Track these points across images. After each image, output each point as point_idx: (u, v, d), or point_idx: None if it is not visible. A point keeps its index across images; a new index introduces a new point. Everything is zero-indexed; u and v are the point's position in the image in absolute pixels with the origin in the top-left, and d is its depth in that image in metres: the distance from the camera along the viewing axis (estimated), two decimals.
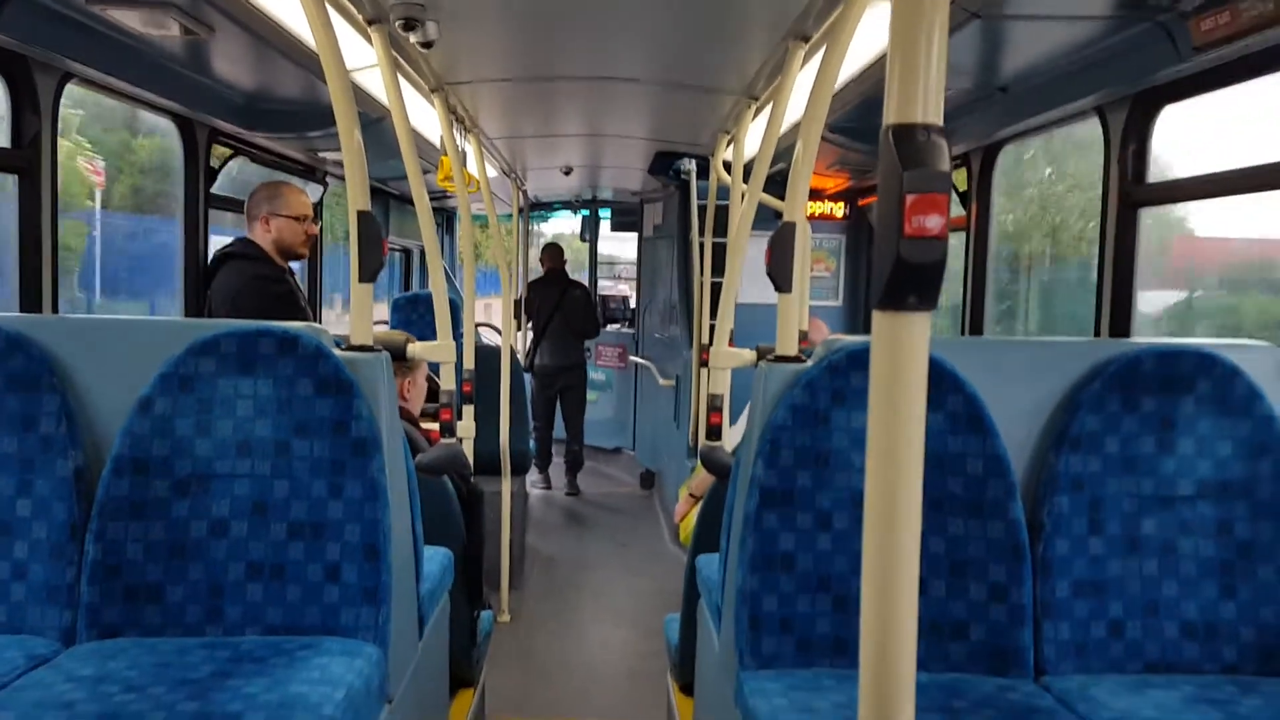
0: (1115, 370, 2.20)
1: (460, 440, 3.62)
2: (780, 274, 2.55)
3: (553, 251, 8.34)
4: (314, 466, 2.15)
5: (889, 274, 0.93)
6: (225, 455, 2.14)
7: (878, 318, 0.96)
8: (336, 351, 2.22)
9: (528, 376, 7.89)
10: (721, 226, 5.48)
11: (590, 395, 8.65)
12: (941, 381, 2.15)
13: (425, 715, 2.68)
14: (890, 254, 0.93)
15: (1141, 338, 2.80)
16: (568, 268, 8.32)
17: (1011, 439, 2.21)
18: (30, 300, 3.05)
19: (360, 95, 3.86)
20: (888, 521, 0.98)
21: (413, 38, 3.02)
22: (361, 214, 2.32)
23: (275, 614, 2.12)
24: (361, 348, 2.29)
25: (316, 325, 2.28)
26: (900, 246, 0.92)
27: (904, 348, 0.96)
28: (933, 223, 0.91)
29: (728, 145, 4.59)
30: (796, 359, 2.35)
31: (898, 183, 0.92)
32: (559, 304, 8.04)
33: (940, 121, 0.93)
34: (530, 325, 8.20)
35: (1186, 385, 2.20)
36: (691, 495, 4.90)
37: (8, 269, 3.09)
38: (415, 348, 3.04)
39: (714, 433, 3.20)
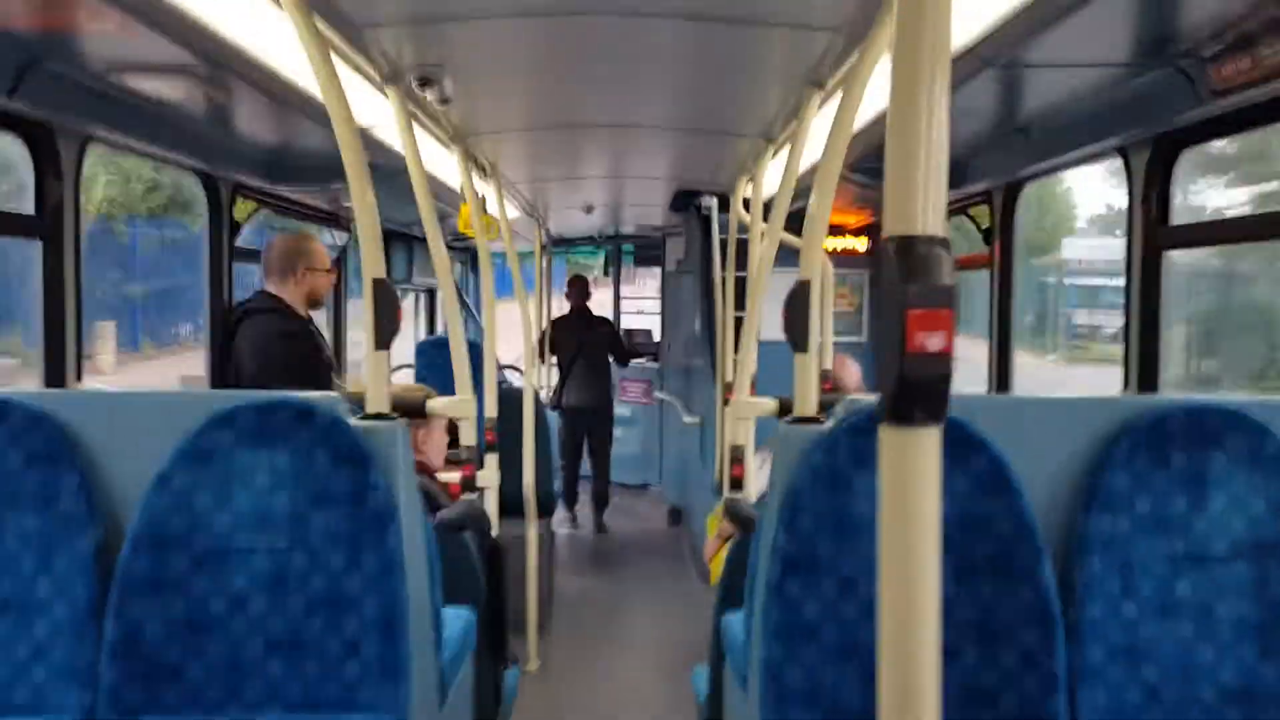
0: (1143, 427, 2.15)
1: (482, 491, 3.61)
2: (797, 334, 2.53)
3: (579, 286, 8.33)
4: (332, 539, 2.14)
5: (894, 391, 0.91)
6: (243, 529, 2.14)
7: (884, 433, 0.94)
8: (353, 421, 2.21)
9: (553, 415, 7.89)
10: (743, 261, 5.46)
11: (615, 432, 8.63)
12: (964, 443, 2.11)
13: None
14: (894, 370, 0.90)
15: (1169, 392, 2.74)
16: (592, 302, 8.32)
17: (1038, 500, 2.16)
18: (54, 366, 3.07)
19: (380, 147, 3.88)
20: (903, 641, 0.95)
21: (429, 95, 3.04)
22: (376, 282, 2.32)
23: (295, 691, 2.11)
24: (378, 415, 2.29)
25: (332, 394, 2.27)
26: (904, 363, 0.89)
27: (913, 463, 0.93)
28: (935, 341, 0.89)
29: (747, 184, 4.58)
30: (815, 420, 2.31)
31: (900, 296, 0.90)
32: (583, 341, 8.03)
33: (941, 233, 0.91)
34: (555, 363, 8.20)
35: (1216, 442, 2.15)
36: (720, 536, 4.86)
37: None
38: (435, 404, 3.04)
39: (736, 484, 3.17)
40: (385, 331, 2.34)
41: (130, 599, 2.09)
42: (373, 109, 3.31)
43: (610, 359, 8.26)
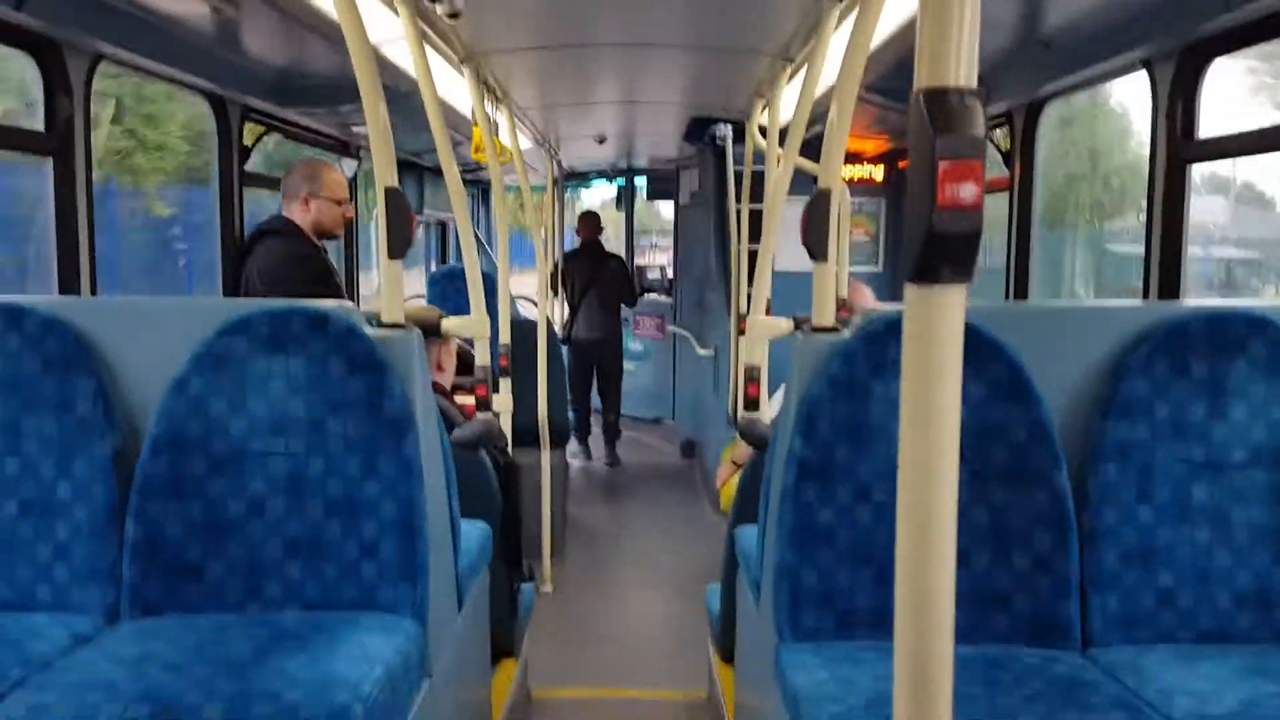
0: (1163, 334, 2.13)
1: (497, 414, 3.62)
2: (816, 242, 2.50)
3: (589, 221, 8.29)
4: (348, 444, 2.14)
5: (921, 245, 0.89)
6: (260, 434, 2.15)
7: (910, 291, 0.92)
8: (368, 330, 2.21)
9: (565, 349, 7.89)
10: (758, 192, 5.41)
11: (628, 365, 8.63)
12: (981, 350, 2.10)
13: (466, 688, 2.69)
14: (923, 224, 0.88)
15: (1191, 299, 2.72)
16: (604, 238, 8.28)
17: (1056, 407, 2.15)
18: (68, 281, 3.07)
19: (390, 68, 3.83)
20: (923, 498, 0.94)
21: (439, 9, 2.98)
22: (389, 190, 2.30)
23: (314, 590, 2.13)
24: (393, 325, 2.28)
25: (348, 304, 2.27)
26: (933, 217, 0.88)
27: (938, 322, 0.92)
28: (967, 191, 0.87)
29: (763, 110, 4.51)
30: (833, 329, 2.30)
31: (929, 149, 0.88)
32: (594, 277, 8.01)
33: (974, 84, 0.88)
34: (565, 297, 8.19)
35: (1238, 349, 2.13)
36: (733, 462, 4.87)
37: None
38: (449, 323, 3.03)
39: (752, 404, 3.17)
40: (398, 240, 2.32)
41: (150, 501, 2.11)
42: (381, 27, 3.26)
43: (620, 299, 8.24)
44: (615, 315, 8.20)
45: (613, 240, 9.16)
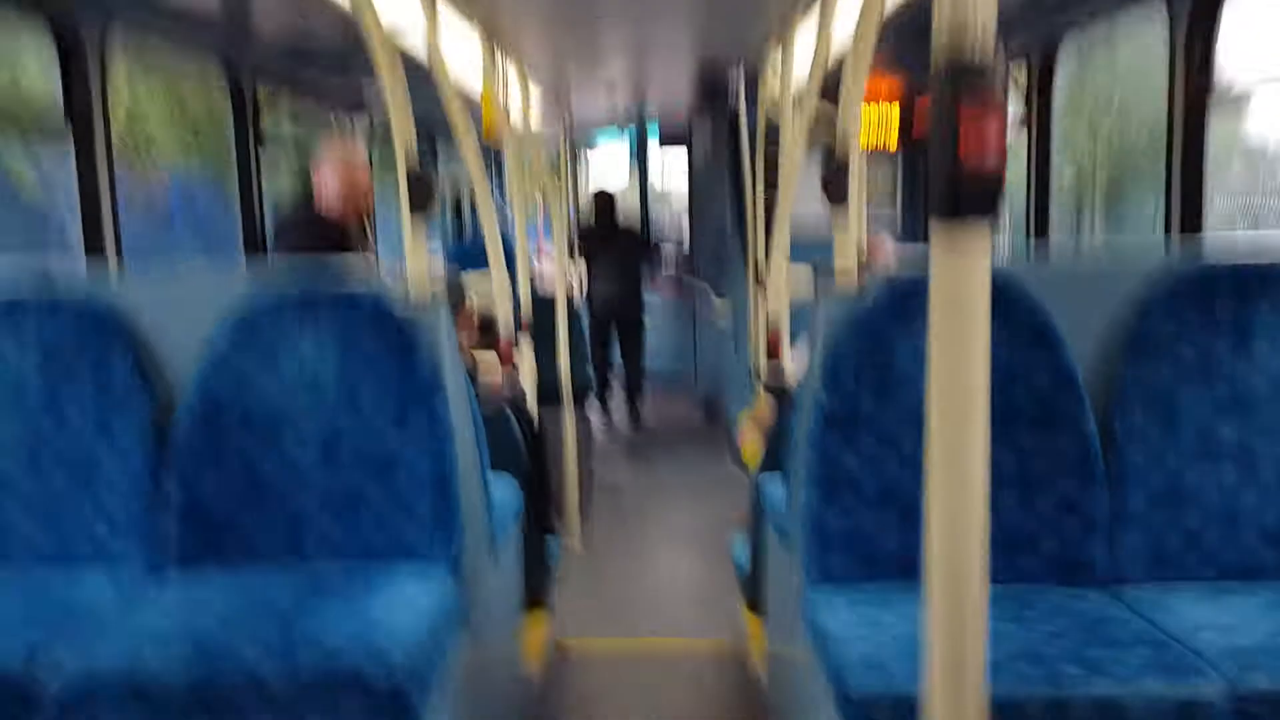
0: (1186, 275, 2.13)
1: (517, 370, 3.64)
2: (836, 188, 2.49)
3: (603, 201, 8.16)
4: (380, 405, 2.19)
5: (945, 183, 0.90)
6: (294, 396, 2.19)
7: (936, 228, 0.93)
8: (395, 297, 2.24)
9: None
10: (774, 136, 5.36)
11: (647, 321, 8.60)
12: (1004, 296, 2.10)
13: (499, 636, 2.75)
14: (947, 162, 0.89)
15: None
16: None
17: (1080, 351, 2.15)
18: (94, 251, 3.10)
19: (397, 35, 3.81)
20: (953, 432, 0.96)
21: None
22: (410, 169, 2.31)
23: (352, 544, 2.18)
24: (419, 291, 2.30)
25: (375, 269, 2.30)
26: (957, 154, 0.89)
27: (965, 259, 0.93)
28: (990, 128, 0.88)
29: (778, 51, 4.44)
30: (854, 279, 2.30)
31: (952, 89, 0.88)
32: (609, 242, 7.94)
33: (993, 26, 0.89)
34: (583, 265, 8.11)
35: (1261, 289, 2.12)
36: (753, 420, 4.88)
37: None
38: (470, 278, 3.05)
39: (773, 353, 3.17)
40: (420, 195, 2.35)
41: (189, 461, 2.17)
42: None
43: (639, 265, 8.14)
44: (634, 273, 8.14)
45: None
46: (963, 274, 0.93)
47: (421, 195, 2.33)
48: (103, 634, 1.82)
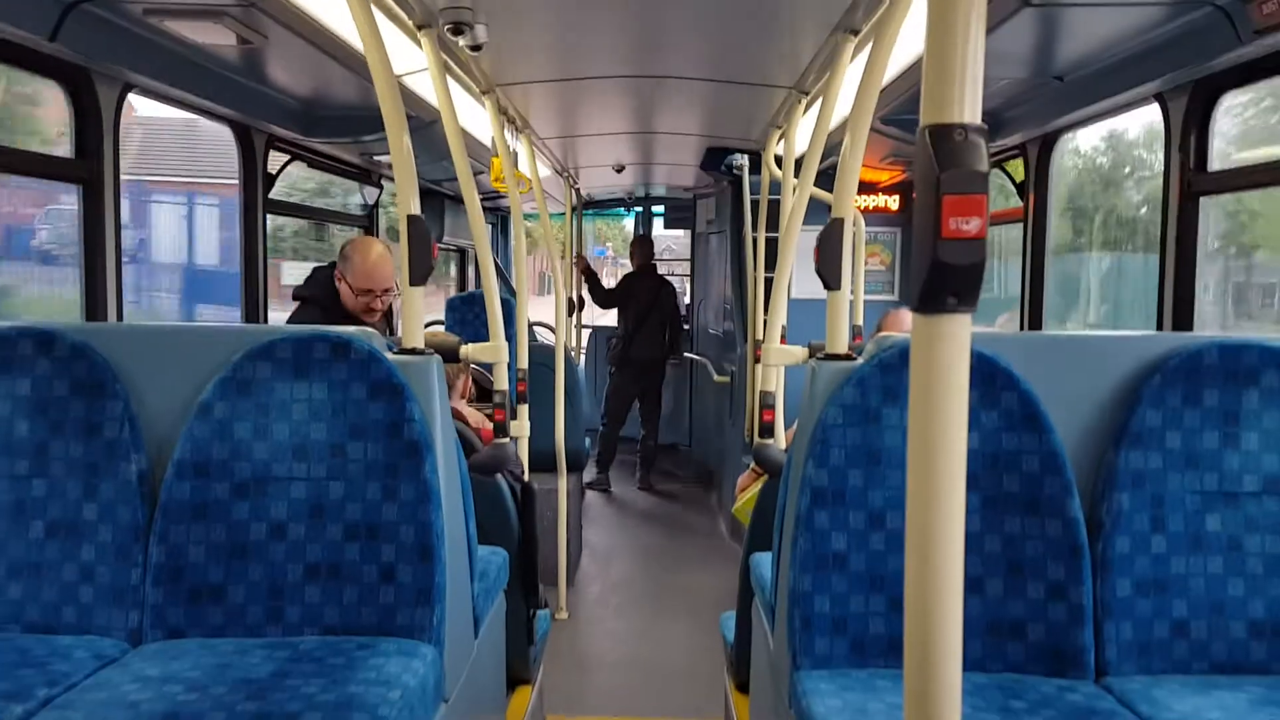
0: (1176, 364, 2.15)
1: (514, 440, 3.65)
2: (829, 271, 2.53)
3: (644, 247, 8.16)
4: (368, 469, 2.18)
5: (926, 275, 0.92)
6: (282, 458, 2.18)
7: (917, 320, 0.95)
8: (389, 355, 2.25)
9: (612, 370, 7.81)
10: (774, 221, 5.45)
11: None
12: (995, 378, 2.12)
13: (482, 714, 2.70)
14: (928, 255, 0.91)
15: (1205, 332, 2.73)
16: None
17: (1069, 436, 2.16)
18: (94, 308, 3.13)
19: (412, 98, 3.90)
20: (929, 525, 0.96)
21: (462, 41, 3.05)
22: (411, 218, 2.35)
23: (333, 614, 2.16)
24: (413, 351, 2.32)
25: (369, 329, 2.31)
26: (938, 248, 0.91)
27: (944, 350, 0.94)
28: (971, 224, 0.90)
29: (779, 140, 4.56)
30: (847, 357, 2.32)
31: (935, 183, 0.91)
32: (656, 300, 7.95)
33: (978, 119, 0.91)
34: (619, 318, 8.10)
35: (1250, 379, 2.14)
36: (754, 471, 4.86)
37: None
38: (468, 349, 3.07)
39: (766, 430, 3.18)
40: (419, 268, 2.37)
41: (173, 524, 2.15)
42: (405, 59, 3.33)
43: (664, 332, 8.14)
44: (664, 340, 8.16)
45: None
46: (943, 363, 0.94)
47: (421, 269, 2.36)
48: (77, 705, 1.79)
